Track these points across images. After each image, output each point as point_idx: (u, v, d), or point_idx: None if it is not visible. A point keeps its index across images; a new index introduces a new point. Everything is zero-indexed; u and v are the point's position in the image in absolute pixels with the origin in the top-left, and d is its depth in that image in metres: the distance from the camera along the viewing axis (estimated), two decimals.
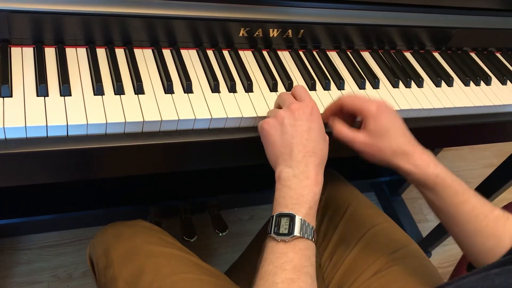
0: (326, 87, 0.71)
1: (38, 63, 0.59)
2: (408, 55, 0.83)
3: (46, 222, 1.24)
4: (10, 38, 0.59)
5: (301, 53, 0.76)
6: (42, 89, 0.55)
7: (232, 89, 0.65)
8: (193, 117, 0.59)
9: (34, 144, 0.53)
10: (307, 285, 0.48)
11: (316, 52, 0.77)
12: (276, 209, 0.53)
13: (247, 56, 0.72)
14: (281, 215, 0.52)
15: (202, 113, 0.60)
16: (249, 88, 0.66)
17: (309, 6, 0.72)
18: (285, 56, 0.75)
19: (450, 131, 0.77)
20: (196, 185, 1.25)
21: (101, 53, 0.63)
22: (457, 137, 0.82)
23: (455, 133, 0.79)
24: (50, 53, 0.61)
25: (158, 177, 1.21)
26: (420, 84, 0.77)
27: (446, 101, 0.75)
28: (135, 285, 0.64)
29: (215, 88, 0.64)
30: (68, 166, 0.58)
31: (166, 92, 0.61)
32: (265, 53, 0.73)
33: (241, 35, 0.71)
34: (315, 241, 0.52)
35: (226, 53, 0.71)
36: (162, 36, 0.67)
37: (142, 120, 0.56)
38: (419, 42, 0.84)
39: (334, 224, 0.80)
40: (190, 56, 0.68)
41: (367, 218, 0.79)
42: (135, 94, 0.59)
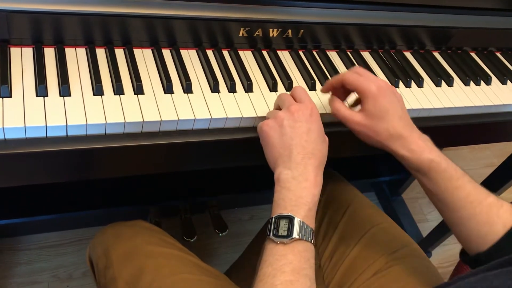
0: None
1: (37, 63, 0.58)
2: (408, 55, 0.83)
3: (46, 222, 1.24)
4: (9, 38, 0.59)
5: (301, 53, 0.75)
6: (41, 89, 0.55)
7: (232, 89, 0.65)
8: (193, 117, 0.59)
9: (33, 144, 0.53)
10: (306, 287, 0.48)
11: (316, 52, 0.77)
12: (275, 211, 0.53)
13: (247, 56, 0.72)
14: (280, 217, 0.52)
15: (201, 113, 0.60)
16: (249, 88, 0.66)
17: (309, 6, 0.72)
18: (285, 56, 0.74)
19: (450, 131, 0.77)
20: (196, 185, 1.25)
21: (100, 53, 0.63)
22: (457, 137, 0.82)
23: (455, 133, 0.79)
24: (50, 53, 0.61)
25: (158, 177, 1.21)
26: (420, 84, 0.76)
27: (446, 101, 0.75)
28: (135, 286, 0.64)
29: (215, 88, 0.64)
30: (68, 166, 0.58)
31: (165, 92, 0.61)
32: (265, 53, 0.73)
33: (241, 35, 0.71)
34: (314, 243, 0.52)
35: (226, 53, 0.71)
36: (162, 36, 0.67)
37: (141, 120, 0.56)
38: (419, 41, 0.84)
39: (334, 224, 0.80)
40: (190, 56, 0.68)
41: (367, 218, 0.79)
42: (134, 94, 0.59)
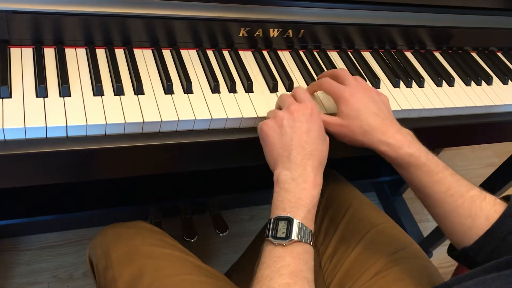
0: None
1: (37, 64, 0.58)
2: (409, 54, 0.83)
3: (47, 223, 1.24)
4: (9, 38, 0.59)
5: (301, 53, 0.75)
6: (41, 90, 0.55)
7: (232, 89, 0.64)
8: (193, 118, 0.59)
9: (33, 145, 0.52)
10: None
11: (317, 52, 0.77)
12: (274, 212, 0.53)
13: (247, 56, 0.71)
14: (278, 219, 0.52)
15: (202, 114, 0.60)
16: (249, 89, 0.66)
17: (309, 6, 0.72)
18: (286, 56, 0.74)
19: (451, 131, 0.77)
20: (196, 185, 1.25)
21: (100, 53, 0.63)
22: (459, 137, 0.82)
23: (456, 133, 0.79)
24: (50, 54, 0.61)
25: (158, 178, 1.21)
26: (421, 84, 0.76)
27: (447, 101, 0.75)
28: (135, 286, 0.64)
29: (215, 89, 0.64)
30: (68, 167, 0.58)
31: (166, 93, 0.61)
32: (265, 53, 0.73)
33: (241, 35, 0.70)
34: (313, 245, 0.52)
35: (226, 53, 0.71)
36: (162, 37, 0.66)
37: (142, 120, 0.56)
38: (420, 41, 0.83)
39: (335, 224, 0.80)
40: (190, 57, 0.68)
41: (367, 219, 0.79)
42: (134, 94, 0.59)
